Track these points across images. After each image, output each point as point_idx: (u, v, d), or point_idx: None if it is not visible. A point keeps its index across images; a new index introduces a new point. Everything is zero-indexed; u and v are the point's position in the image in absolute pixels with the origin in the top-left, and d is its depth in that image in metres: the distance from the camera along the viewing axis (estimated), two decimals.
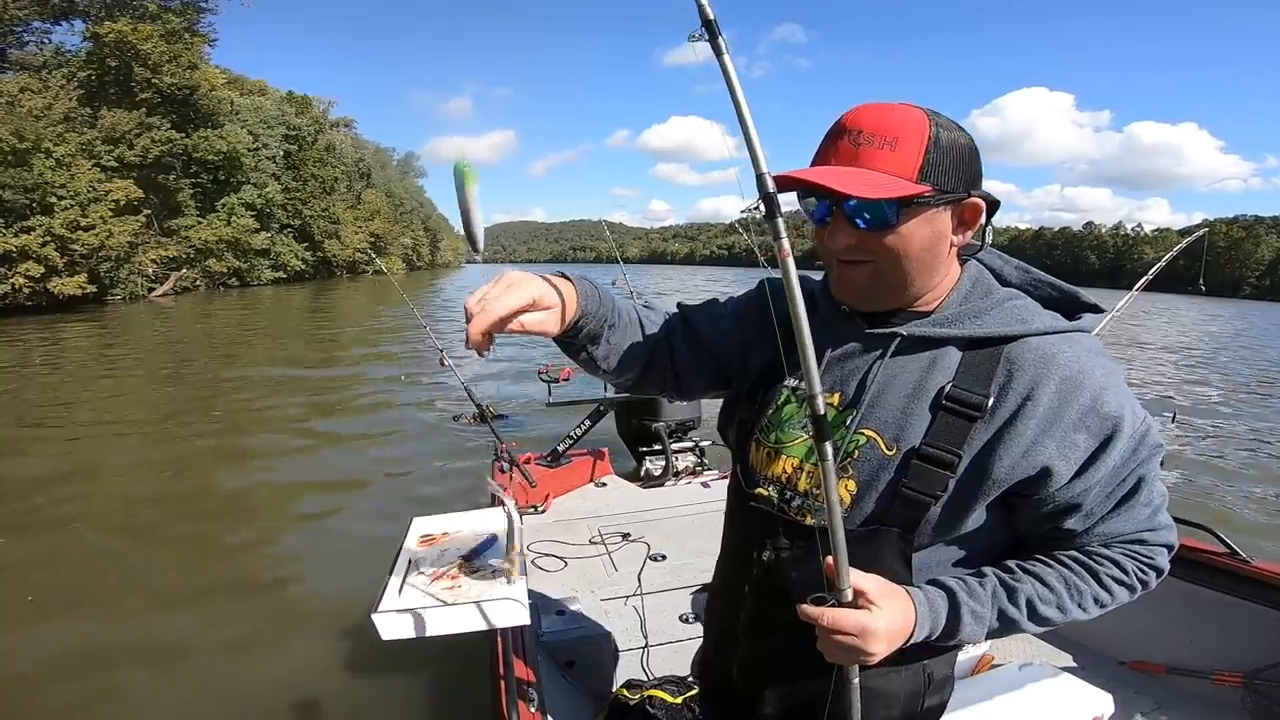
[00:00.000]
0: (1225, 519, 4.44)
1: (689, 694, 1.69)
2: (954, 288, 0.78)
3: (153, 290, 24.34)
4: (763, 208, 0.63)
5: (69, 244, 19.20)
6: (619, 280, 4.58)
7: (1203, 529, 1.85)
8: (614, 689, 1.71)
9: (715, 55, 0.60)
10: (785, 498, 0.82)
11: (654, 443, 3.68)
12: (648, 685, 1.69)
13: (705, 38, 0.61)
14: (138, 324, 16.50)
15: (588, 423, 3.49)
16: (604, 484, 3.29)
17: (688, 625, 2.08)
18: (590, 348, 0.83)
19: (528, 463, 3.12)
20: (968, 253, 0.79)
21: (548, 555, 2.47)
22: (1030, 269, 0.82)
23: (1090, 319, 0.78)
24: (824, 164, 0.72)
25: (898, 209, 0.69)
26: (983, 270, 0.81)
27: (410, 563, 1.43)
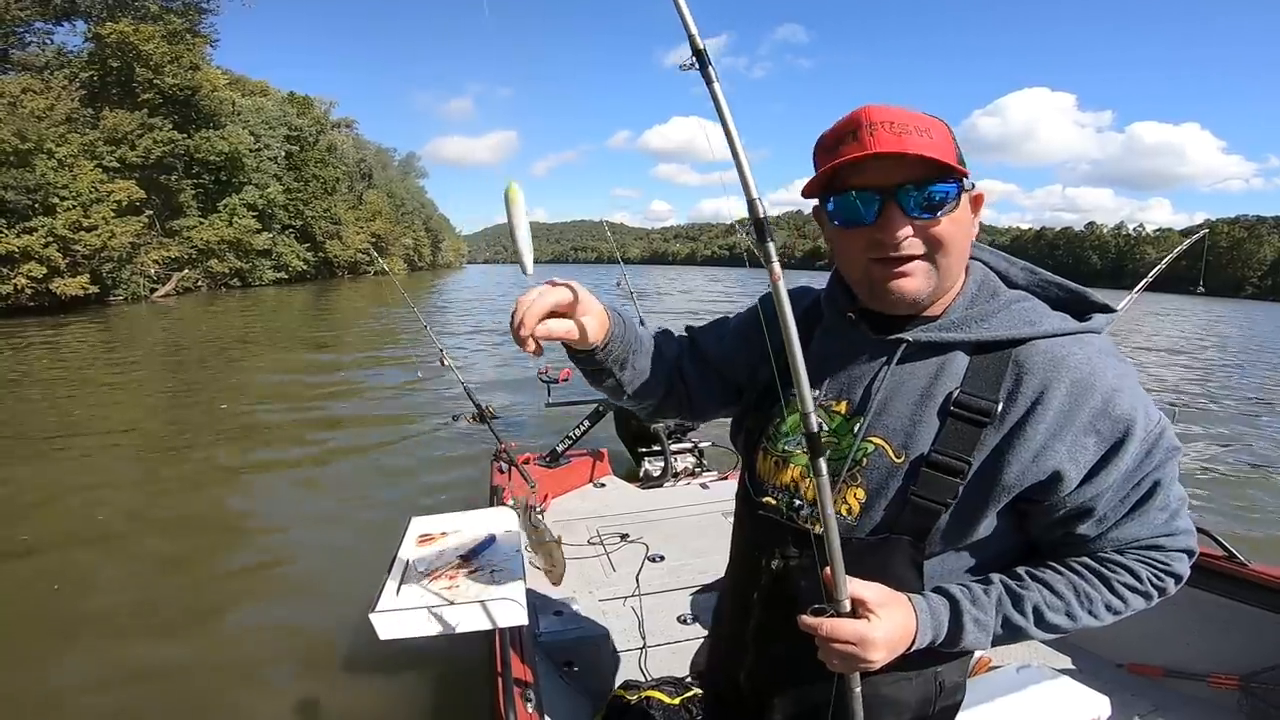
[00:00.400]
0: (1223, 522, 4.43)
1: (687, 695, 1.69)
2: (960, 291, 0.77)
3: (155, 291, 24.37)
4: (754, 233, 0.67)
5: (71, 244, 19.23)
6: (620, 281, 4.58)
7: (1201, 532, 1.84)
8: (612, 689, 1.71)
9: (705, 84, 0.62)
10: (793, 506, 0.81)
11: (653, 444, 3.68)
12: (645, 686, 1.70)
13: (696, 67, 0.63)
14: (140, 325, 16.53)
15: (587, 423, 3.49)
16: (603, 485, 3.30)
17: (686, 626, 2.09)
18: (618, 373, 0.85)
19: (527, 463, 3.13)
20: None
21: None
22: (1037, 270, 0.81)
23: (1101, 319, 0.76)
24: (855, 152, 0.68)
25: (958, 189, 0.69)
26: (988, 273, 0.79)
27: (408, 563, 1.43)
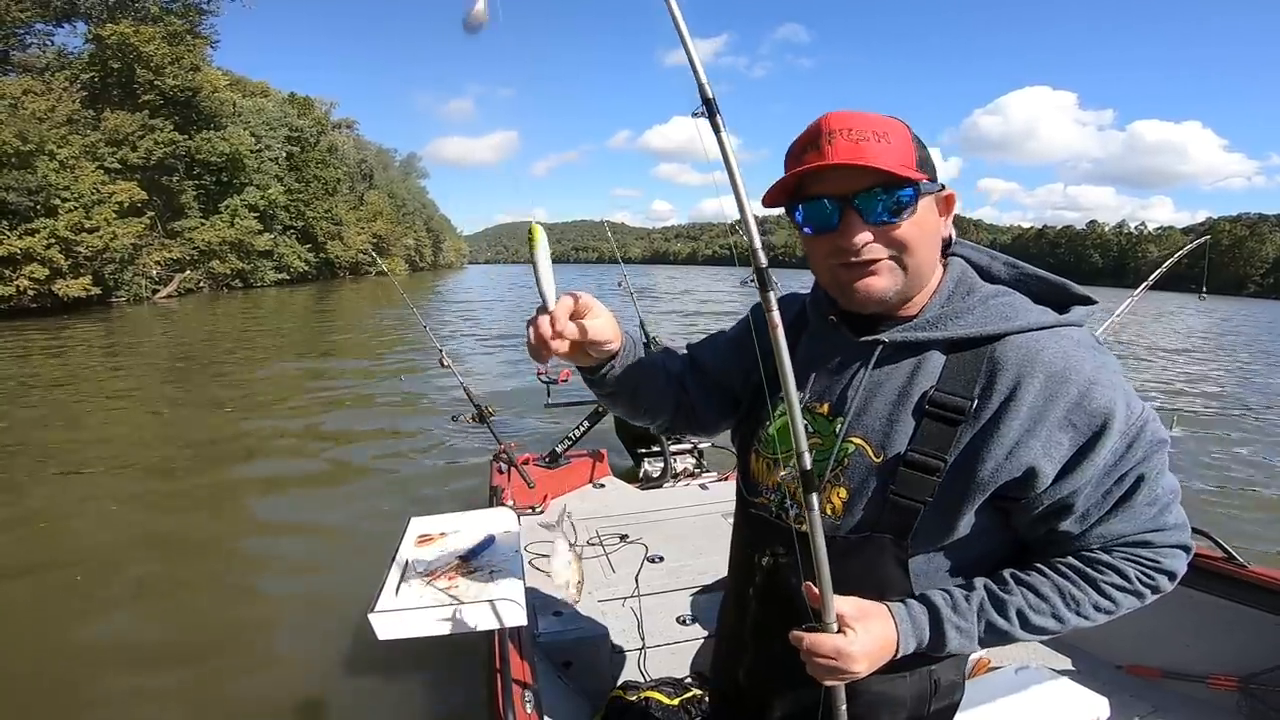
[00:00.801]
0: (1222, 523, 4.42)
1: (686, 696, 1.69)
2: (936, 289, 0.77)
3: (157, 292, 24.42)
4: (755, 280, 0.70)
5: (73, 246, 19.27)
6: (621, 281, 4.58)
7: (1200, 533, 1.84)
8: (611, 690, 1.71)
9: (714, 133, 0.64)
10: (783, 506, 0.83)
11: (652, 444, 3.68)
12: (645, 687, 1.70)
13: (705, 114, 0.65)
14: (142, 326, 16.56)
15: (586, 424, 3.49)
16: (602, 485, 3.30)
17: (685, 627, 2.09)
18: (630, 386, 0.87)
19: (526, 463, 3.13)
20: (945, 249, 0.79)
21: (546, 556, 2.47)
22: (1019, 264, 0.81)
23: (1080, 311, 0.76)
24: (817, 160, 0.70)
25: (915, 194, 0.69)
26: (966, 269, 0.79)
27: (408, 563, 1.43)
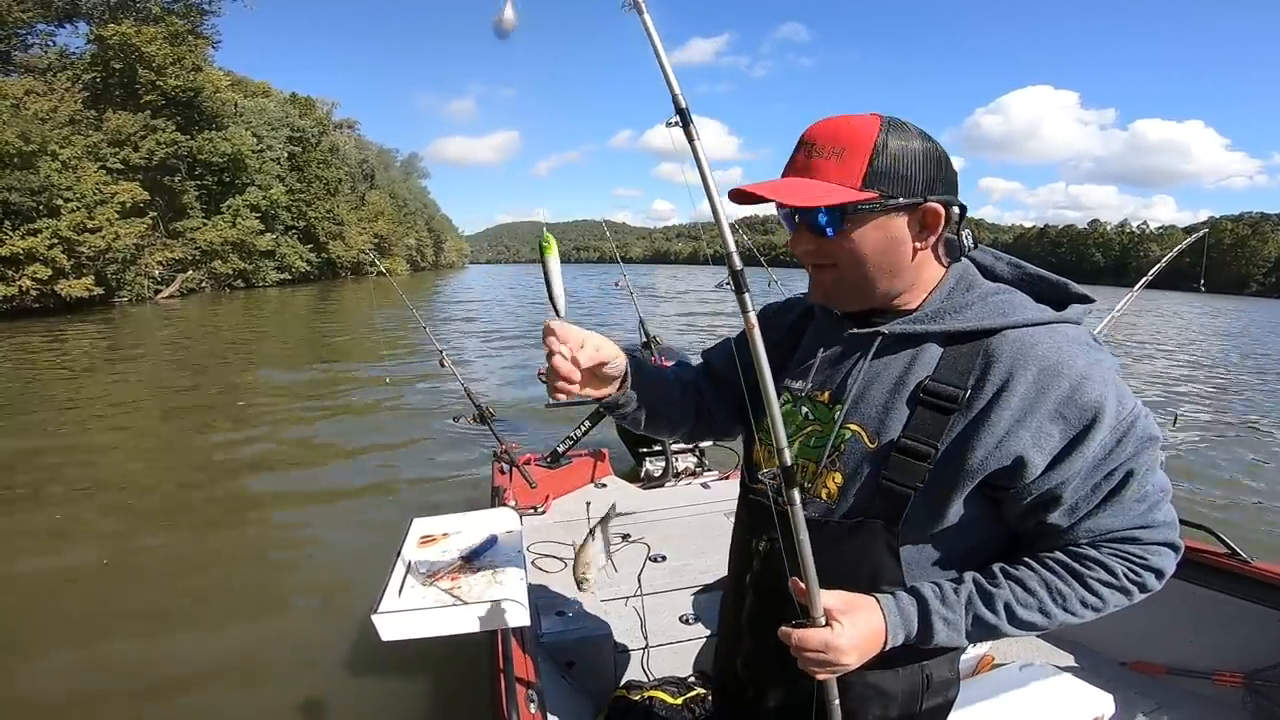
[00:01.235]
0: (1226, 519, 4.42)
1: (689, 695, 1.69)
2: (937, 286, 0.79)
3: (159, 292, 24.45)
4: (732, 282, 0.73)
5: (76, 246, 19.28)
6: (620, 280, 4.58)
7: (1203, 529, 1.84)
8: (614, 689, 1.71)
9: (688, 142, 0.67)
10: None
11: (653, 444, 3.68)
12: (648, 686, 1.70)
13: (679, 124, 0.68)
14: (144, 326, 16.59)
15: (588, 424, 3.49)
16: (604, 485, 3.29)
17: (688, 626, 2.09)
18: (648, 407, 0.94)
19: (528, 463, 3.13)
20: (953, 254, 0.80)
21: (548, 556, 2.48)
22: (1022, 264, 0.83)
23: (1078, 309, 0.78)
24: (786, 174, 0.77)
25: (840, 216, 0.73)
26: (969, 268, 0.82)
27: (410, 564, 1.44)
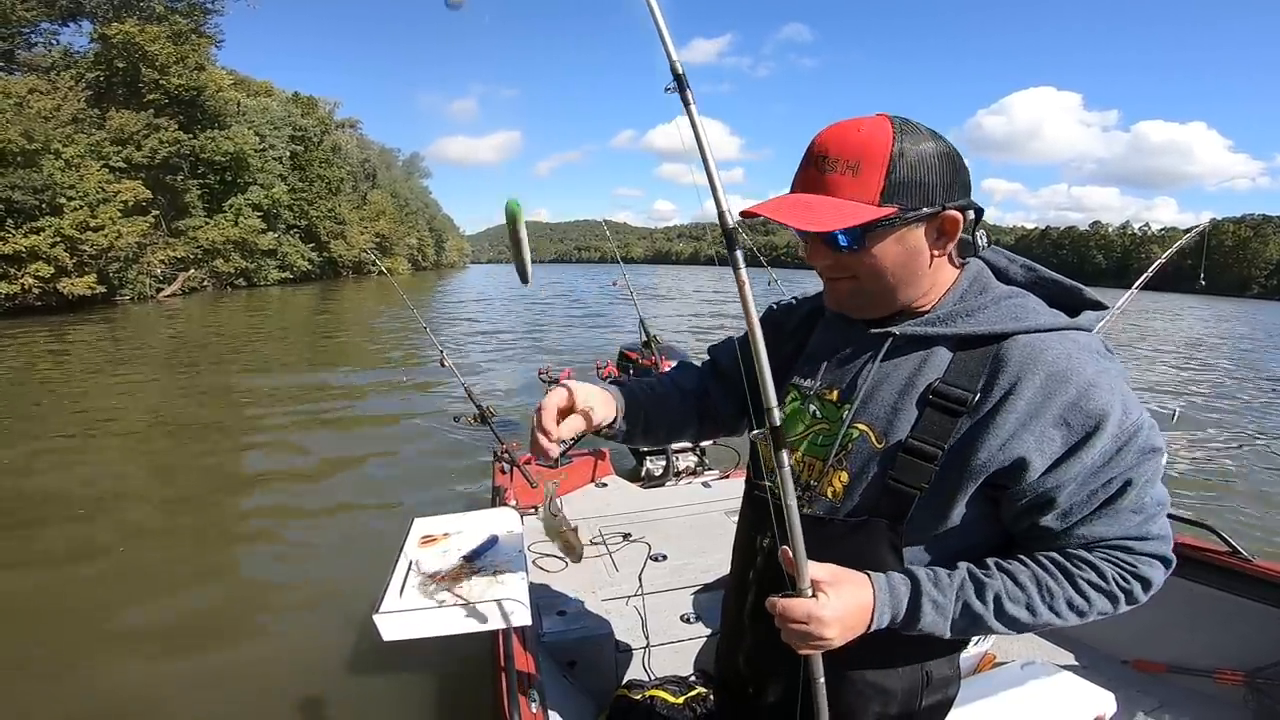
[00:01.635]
0: (1227, 517, 4.41)
1: (691, 694, 1.69)
2: (951, 288, 0.79)
3: (161, 290, 24.48)
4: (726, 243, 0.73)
5: (78, 244, 19.32)
6: (619, 280, 4.58)
7: (1204, 527, 1.84)
8: (615, 689, 1.71)
9: (684, 106, 0.68)
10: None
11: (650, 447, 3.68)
12: (649, 685, 1.70)
13: (675, 90, 0.69)
14: (146, 324, 16.61)
15: (592, 431, 3.48)
16: (605, 484, 3.29)
17: (689, 625, 2.09)
18: (647, 431, 0.98)
19: (528, 463, 3.12)
20: (967, 254, 0.80)
21: (549, 555, 2.47)
22: (1036, 267, 0.83)
23: (1091, 316, 0.77)
24: (797, 190, 0.76)
25: (861, 234, 0.72)
26: (983, 269, 0.82)
27: (411, 563, 1.43)
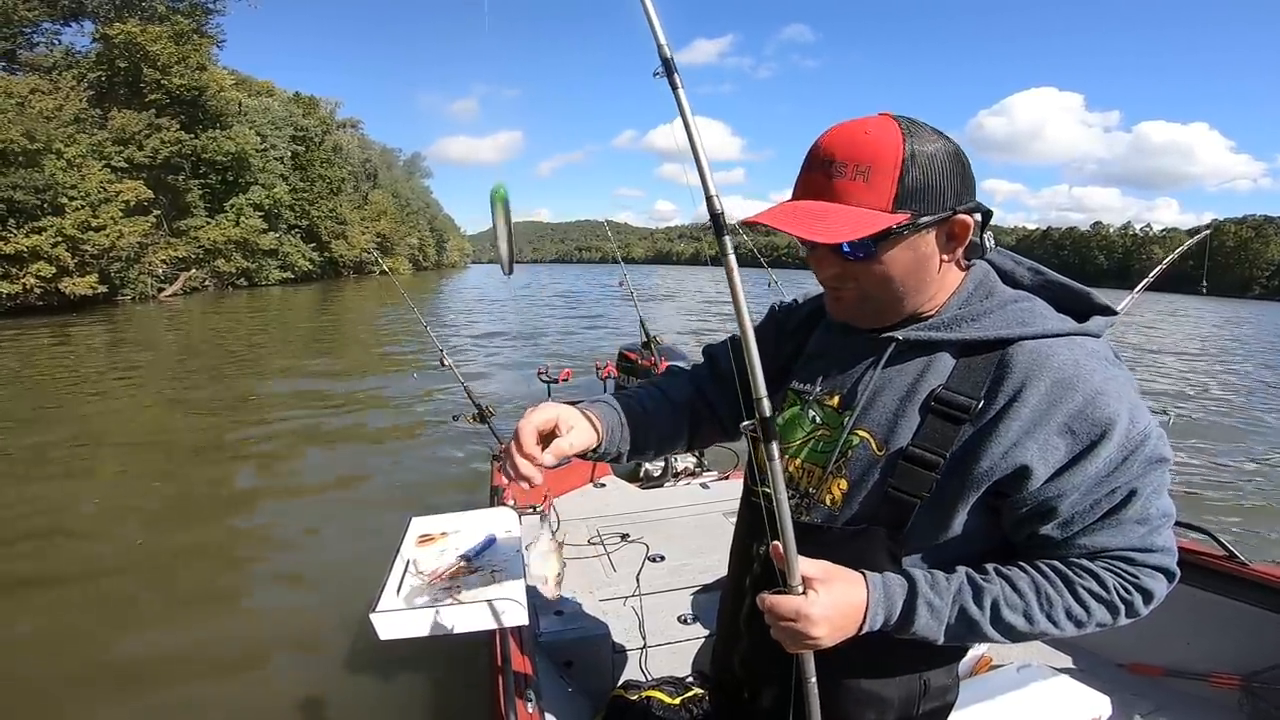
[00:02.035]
0: (1223, 521, 4.41)
1: (687, 695, 1.69)
2: (955, 291, 0.77)
3: (162, 290, 24.50)
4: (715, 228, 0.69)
5: (80, 244, 19.34)
6: (622, 280, 4.58)
7: (1201, 531, 1.84)
8: (612, 689, 1.71)
9: (671, 90, 0.67)
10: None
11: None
12: (646, 686, 1.70)
13: (664, 74, 0.67)
14: (148, 324, 16.63)
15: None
16: (603, 484, 3.29)
17: (686, 626, 2.09)
18: (637, 447, 0.96)
19: None
20: (973, 256, 0.77)
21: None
22: (1043, 270, 0.81)
23: (1099, 321, 0.75)
24: (802, 197, 0.73)
25: (873, 242, 0.70)
26: (988, 273, 0.79)
27: (409, 563, 1.44)
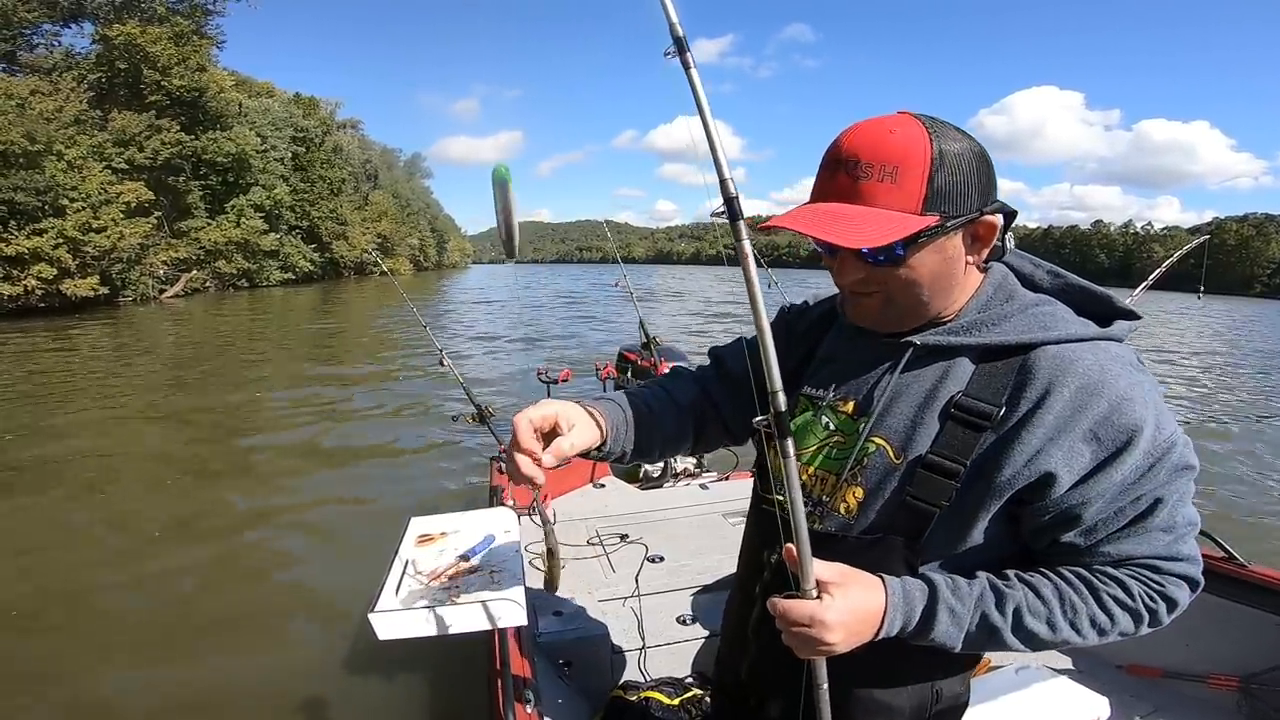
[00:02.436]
0: (1222, 523, 4.41)
1: (686, 696, 1.70)
2: (974, 295, 0.75)
3: (163, 291, 24.53)
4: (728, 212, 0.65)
5: (81, 246, 19.35)
6: (620, 281, 4.59)
7: (1201, 533, 1.84)
8: (611, 690, 1.72)
9: (684, 70, 0.64)
10: None
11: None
12: (645, 686, 1.70)
13: (676, 54, 0.64)
14: (149, 326, 16.65)
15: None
16: (602, 485, 3.29)
17: (685, 627, 2.09)
18: (640, 449, 0.93)
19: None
20: (992, 258, 0.75)
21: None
22: (1063, 273, 0.79)
23: (1123, 326, 0.73)
24: (823, 199, 0.70)
25: (902, 246, 0.68)
26: (1007, 276, 0.77)
27: (408, 563, 1.44)
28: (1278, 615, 1.69)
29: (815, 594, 0.67)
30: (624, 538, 2.66)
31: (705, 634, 2.02)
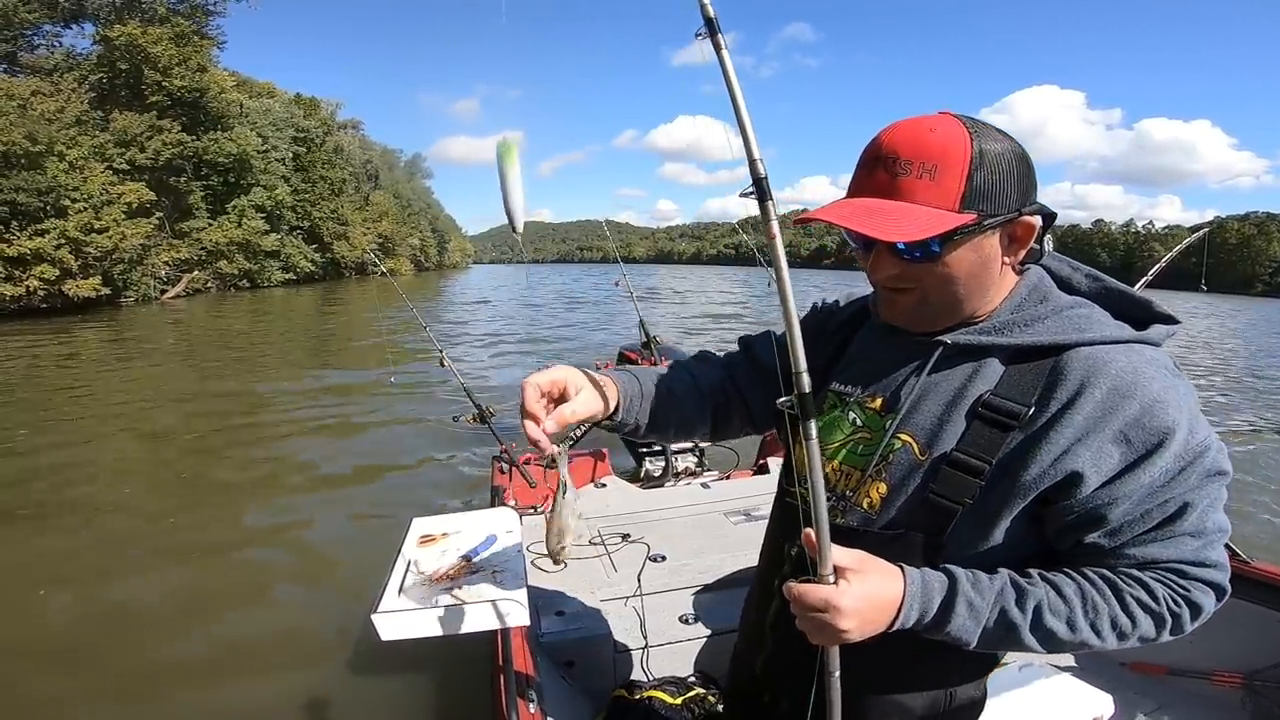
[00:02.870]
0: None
1: (689, 695, 1.70)
2: (1008, 296, 0.75)
3: (165, 292, 24.58)
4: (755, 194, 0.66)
5: (83, 246, 19.39)
6: (620, 280, 4.59)
7: None
8: (614, 689, 1.72)
9: (715, 50, 0.65)
10: None
11: (654, 443, 3.68)
12: (647, 686, 1.70)
13: (707, 35, 0.65)
14: (151, 326, 16.67)
15: (588, 423, 3.48)
16: (604, 485, 3.29)
17: (688, 626, 2.09)
18: (654, 427, 0.94)
19: (527, 463, 3.13)
20: (1030, 260, 0.75)
21: (547, 555, 2.48)
22: (1103, 277, 0.78)
23: (1160, 330, 0.72)
24: (861, 194, 0.70)
25: (939, 243, 0.68)
26: (1044, 278, 0.77)
27: (410, 563, 1.44)
28: None
29: (833, 579, 0.66)
30: (626, 537, 2.65)
31: (708, 633, 2.02)
